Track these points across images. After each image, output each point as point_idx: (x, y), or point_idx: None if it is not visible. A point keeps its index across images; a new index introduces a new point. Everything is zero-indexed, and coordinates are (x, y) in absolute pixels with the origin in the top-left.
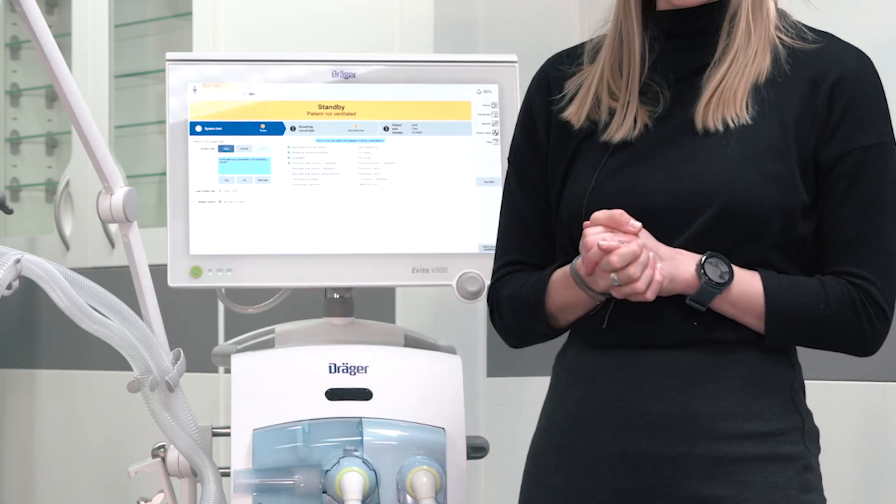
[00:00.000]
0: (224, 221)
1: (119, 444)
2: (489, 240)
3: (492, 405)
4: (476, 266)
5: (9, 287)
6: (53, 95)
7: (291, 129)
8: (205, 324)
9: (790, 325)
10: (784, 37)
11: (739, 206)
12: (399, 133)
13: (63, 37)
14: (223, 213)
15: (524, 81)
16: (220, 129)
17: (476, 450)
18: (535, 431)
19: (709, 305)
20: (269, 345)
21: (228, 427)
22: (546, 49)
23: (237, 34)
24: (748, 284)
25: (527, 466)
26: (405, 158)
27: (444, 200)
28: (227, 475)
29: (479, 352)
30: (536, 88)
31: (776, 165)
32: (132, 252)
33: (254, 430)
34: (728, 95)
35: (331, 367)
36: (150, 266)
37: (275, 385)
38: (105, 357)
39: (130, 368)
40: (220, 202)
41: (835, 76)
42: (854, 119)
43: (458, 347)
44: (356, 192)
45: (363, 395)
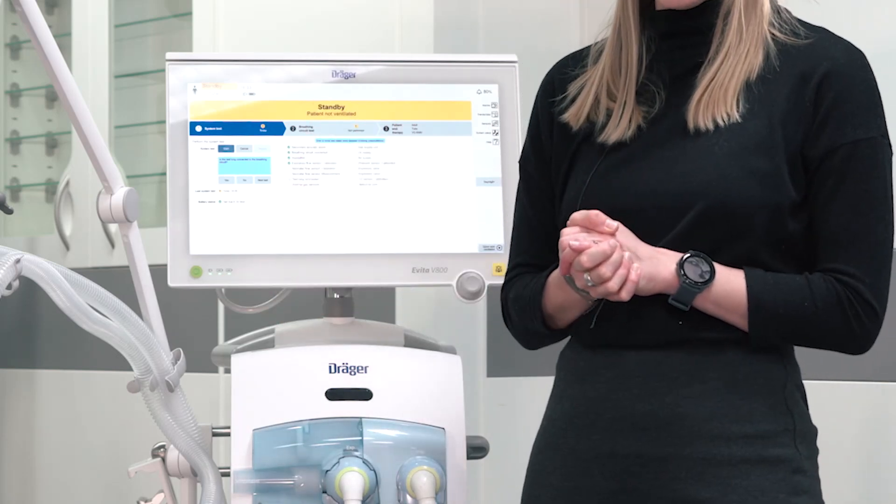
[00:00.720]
0: (224, 221)
1: (119, 444)
2: (489, 240)
3: (492, 405)
4: (476, 266)
5: (9, 287)
6: (53, 95)
7: (291, 129)
8: (205, 324)
9: (775, 324)
10: (778, 33)
11: (723, 204)
12: (399, 133)
13: (63, 37)
14: (223, 213)
15: (524, 81)
16: (220, 129)
17: (476, 450)
18: (538, 430)
19: (692, 305)
20: (269, 345)
21: (228, 427)
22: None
23: (237, 34)
24: (731, 283)
25: (529, 463)
26: (405, 158)
27: (444, 200)
28: (227, 475)
29: (479, 352)
30: (542, 92)
31: (762, 162)
32: (132, 252)
33: (254, 430)
34: (718, 94)
35: (331, 367)
36: (150, 266)
37: (275, 385)
38: (105, 357)
39: (130, 368)
40: (220, 202)
41: (823, 71)
42: (842, 114)
43: (458, 347)
44: (356, 192)
45: (363, 395)
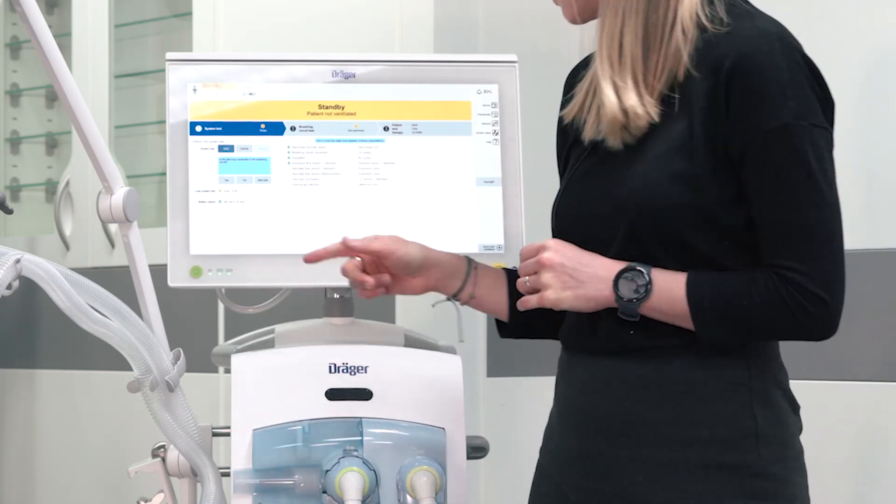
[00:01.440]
0: (224, 221)
1: (119, 444)
2: (489, 240)
3: (492, 405)
4: None
5: (9, 287)
6: (53, 95)
7: (291, 129)
8: (205, 324)
9: (719, 325)
10: (709, 25)
11: (648, 210)
12: (399, 133)
13: (63, 37)
14: (223, 213)
15: (524, 81)
16: (220, 129)
17: (476, 450)
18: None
19: (641, 314)
20: (269, 345)
21: (228, 427)
22: (546, 49)
23: (237, 34)
24: (672, 290)
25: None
26: (405, 158)
27: (444, 200)
28: (227, 475)
29: (479, 352)
30: (562, 96)
31: (683, 164)
32: (132, 252)
33: (254, 430)
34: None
35: (331, 367)
36: (150, 266)
37: (275, 385)
38: (105, 357)
39: (130, 368)
40: (220, 202)
41: (730, 64)
42: (750, 106)
43: (458, 347)
44: (356, 192)
45: (363, 395)
